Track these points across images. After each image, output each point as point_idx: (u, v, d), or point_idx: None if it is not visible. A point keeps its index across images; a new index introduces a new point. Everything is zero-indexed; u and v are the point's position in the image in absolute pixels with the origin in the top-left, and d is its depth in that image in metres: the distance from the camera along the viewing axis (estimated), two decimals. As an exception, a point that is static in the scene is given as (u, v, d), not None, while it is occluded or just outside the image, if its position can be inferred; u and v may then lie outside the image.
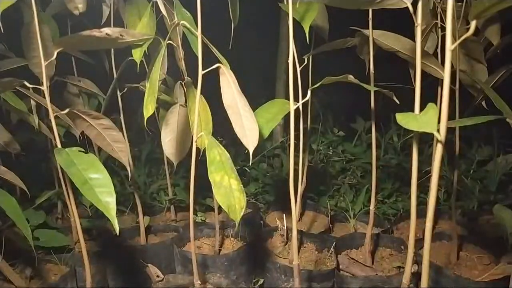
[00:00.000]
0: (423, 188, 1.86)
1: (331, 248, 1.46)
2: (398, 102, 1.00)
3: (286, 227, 1.54)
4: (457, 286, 1.25)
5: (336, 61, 2.81)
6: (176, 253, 1.50)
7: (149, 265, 1.50)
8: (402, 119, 0.63)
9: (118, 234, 0.80)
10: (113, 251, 1.58)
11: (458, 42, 0.64)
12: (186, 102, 1.13)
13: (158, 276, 1.46)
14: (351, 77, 0.92)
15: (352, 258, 1.47)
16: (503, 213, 1.32)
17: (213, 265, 1.43)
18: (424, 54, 1.08)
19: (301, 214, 1.87)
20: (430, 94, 1.12)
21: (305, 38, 1.05)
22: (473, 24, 0.63)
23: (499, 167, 1.92)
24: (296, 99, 0.95)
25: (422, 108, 0.66)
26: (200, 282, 1.09)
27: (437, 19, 1.28)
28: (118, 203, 1.24)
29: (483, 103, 1.33)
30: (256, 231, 1.68)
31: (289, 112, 0.92)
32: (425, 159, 2.13)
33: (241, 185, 0.87)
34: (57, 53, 0.90)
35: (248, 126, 0.90)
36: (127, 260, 1.55)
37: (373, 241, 1.54)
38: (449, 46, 0.63)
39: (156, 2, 1.15)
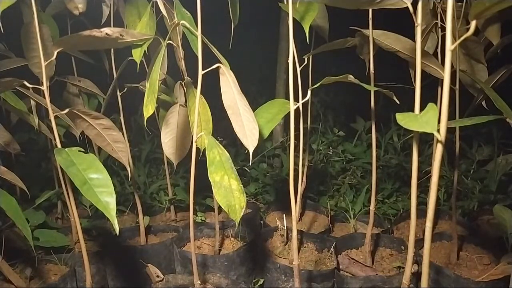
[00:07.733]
0: (423, 188, 1.86)
1: (331, 248, 1.46)
2: (398, 102, 1.00)
3: (286, 227, 1.54)
4: (457, 286, 1.25)
5: (336, 61, 2.82)
6: (176, 253, 1.50)
7: (149, 265, 1.50)
8: (402, 119, 0.63)
9: (118, 234, 0.80)
10: (113, 251, 1.58)
11: (458, 42, 0.64)
12: (186, 102, 1.13)
13: (158, 276, 1.46)
14: (351, 77, 0.92)
15: (352, 258, 1.47)
16: (503, 213, 1.33)
17: (213, 265, 1.43)
18: (424, 54, 1.08)
19: (301, 214, 1.87)
20: (430, 94, 1.12)
21: (305, 38, 1.05)
22: (473, 24, 0.63)
23: (499, 167, 1.92)
24: (296, 99, 0.95)
25: (422, 108, 0.66)
26: (200, 282, 1.09)
27: (437, 19, 1.28)
28: (118, 203, 1.25)
29: (483, 103, 1.33)
30: (256, 231, 1.68)
31: (289, 112, 0.92)
32: (425, 159, 2.13)
33: (241, 185, 0.87)
34: (57, 53, 0.90)
35: (248, 126, 0.90)
36: (127, 260, 1.55)
37: (373, 241, 1.54)
38: (449, 46, 0.63)
39: (156, 2, 1.15)
